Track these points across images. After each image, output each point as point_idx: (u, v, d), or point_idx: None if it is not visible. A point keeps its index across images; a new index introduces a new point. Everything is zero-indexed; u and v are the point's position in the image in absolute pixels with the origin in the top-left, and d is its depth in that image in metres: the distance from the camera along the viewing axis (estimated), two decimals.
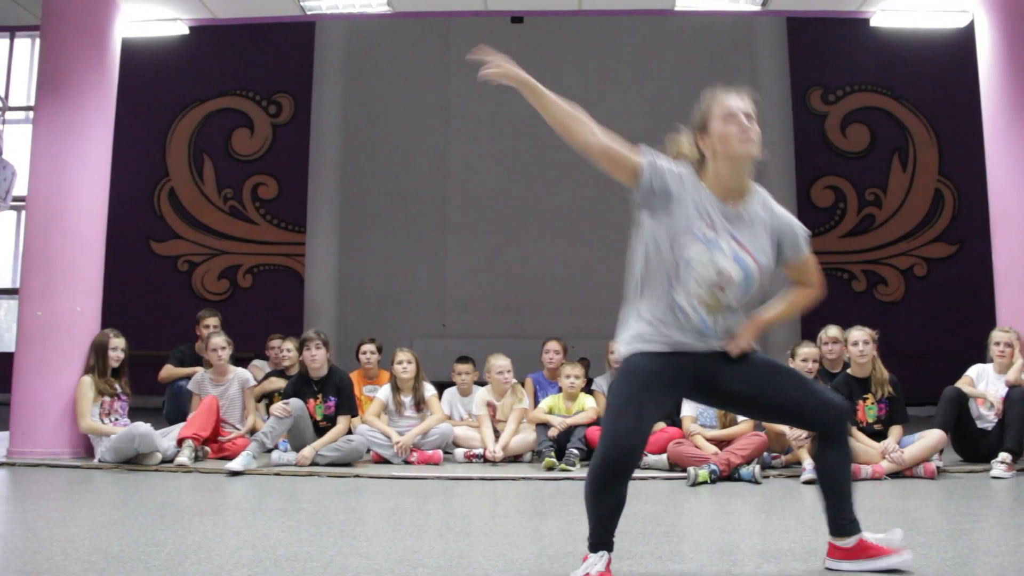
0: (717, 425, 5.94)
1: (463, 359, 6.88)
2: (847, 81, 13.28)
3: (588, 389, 6.71)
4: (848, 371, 5.85)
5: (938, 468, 5.50)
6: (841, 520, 3.00)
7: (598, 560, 2.85)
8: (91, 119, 6.58)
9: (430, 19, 12.46)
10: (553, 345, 7.01)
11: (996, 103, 6.64)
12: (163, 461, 5.91)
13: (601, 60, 12.94)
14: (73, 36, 6.58)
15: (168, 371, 7.23)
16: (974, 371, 6.17)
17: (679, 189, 2.84)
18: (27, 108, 10.65)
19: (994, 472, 5.48)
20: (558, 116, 2.83)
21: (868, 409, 5.72)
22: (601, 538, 2.88)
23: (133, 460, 5.86)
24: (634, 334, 2.92)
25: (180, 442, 5.98)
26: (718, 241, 2.83)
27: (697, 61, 12.38)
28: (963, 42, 7.28)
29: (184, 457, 5.83)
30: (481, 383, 6.78)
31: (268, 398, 6.84)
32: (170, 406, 7.03)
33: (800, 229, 3.02)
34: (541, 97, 2.84)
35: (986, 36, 6.75)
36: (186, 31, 7.38)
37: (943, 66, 11.12)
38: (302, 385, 6.35)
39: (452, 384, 6.90)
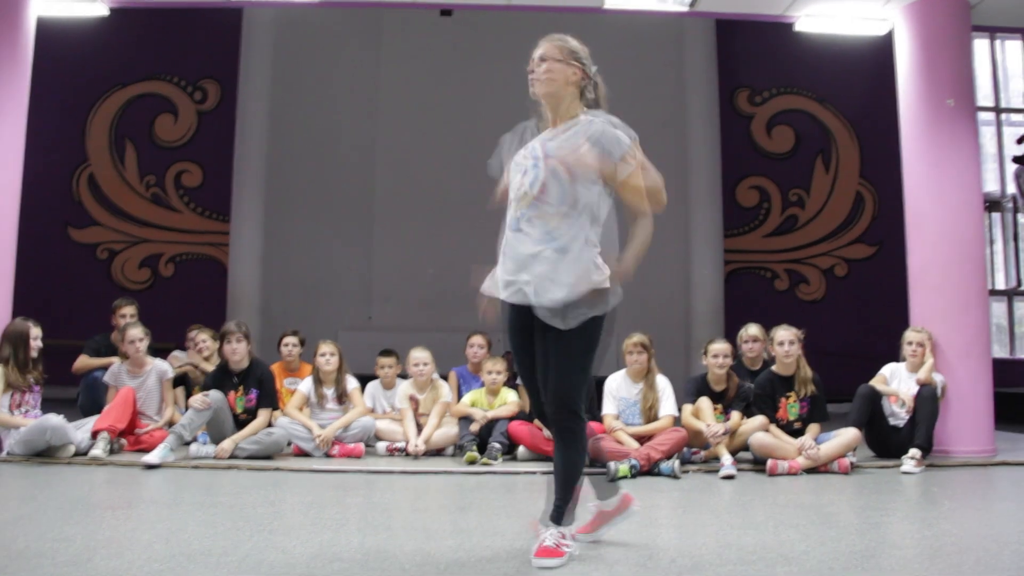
0: (640, 421, 6.00)
1: (386, 352, 6.84)
2: (773, 83, 13.50)
3: (513, 383, 6.72)
4: (773, 368, 5.96)
5: (851, 464, 5.65)
6: (554, 507, 3.21)
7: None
8: (3, 100, 6.35)
9: (360, 9, 12.32)
10: (477, 339, 7.00)
11: (912, 110, 6.83)
12: (77, 454, 5.75)
13: (530, 56, 12.90)
14: None
15: (83, 362, 7.02)
16: (887, 369, 6.34)
17: (508, 151, 3.37)
18: None
19: (904, 468, 5.66)
20: None
21: (790, 407, 5.84)
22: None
23: (44, 453, 5.69)
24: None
25: (95, 434, 5.84)
26: (525, 158, 3.24)
27: (627, 59, 12.43)
28: (884, 49, 7.46)
29: (99, 450, 5.69)
30: (405, 376, 6.75)
31: (185, 385, 6.74)
32: (85, 397, 6.85)
33: (615, 137, 3.15)
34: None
35: (904, 45, 6.94)
36: (106, 12, 7.17)
37: (865, 72, 11.36)
38: (222, 377, 6.25)
39: (377, 377, 6.85)
